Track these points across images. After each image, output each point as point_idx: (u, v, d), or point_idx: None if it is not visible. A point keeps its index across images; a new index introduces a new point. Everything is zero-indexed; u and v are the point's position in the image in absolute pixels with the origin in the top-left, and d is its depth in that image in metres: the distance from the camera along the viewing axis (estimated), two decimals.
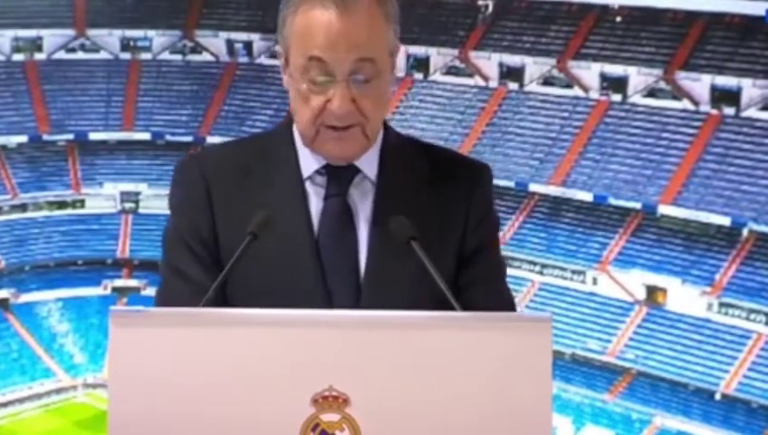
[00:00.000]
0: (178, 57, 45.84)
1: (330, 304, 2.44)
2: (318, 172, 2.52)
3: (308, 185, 2.52)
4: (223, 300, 2.44)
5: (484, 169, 2.66)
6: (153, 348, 2.00)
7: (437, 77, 42.42)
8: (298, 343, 2.00)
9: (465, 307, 2.30)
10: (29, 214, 42.16)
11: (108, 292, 40.75)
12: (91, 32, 45.00)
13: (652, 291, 35.73)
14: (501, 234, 2.78)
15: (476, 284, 2.50)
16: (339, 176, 2.52)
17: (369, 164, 2.53)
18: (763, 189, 35.36)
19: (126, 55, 45.47)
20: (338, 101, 2.38)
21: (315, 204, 2.51)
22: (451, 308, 2.30)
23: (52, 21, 44.45)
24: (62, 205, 42.80)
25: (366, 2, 2.38)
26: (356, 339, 2.00)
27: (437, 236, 2.46)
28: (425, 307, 2.26)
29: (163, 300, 2.52)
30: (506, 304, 2.62)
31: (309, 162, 2.52)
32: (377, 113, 2.45)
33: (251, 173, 2.52)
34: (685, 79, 38.13)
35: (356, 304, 2.46)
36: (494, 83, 41.51)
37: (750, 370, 33.33)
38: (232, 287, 2.45)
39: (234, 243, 2.44)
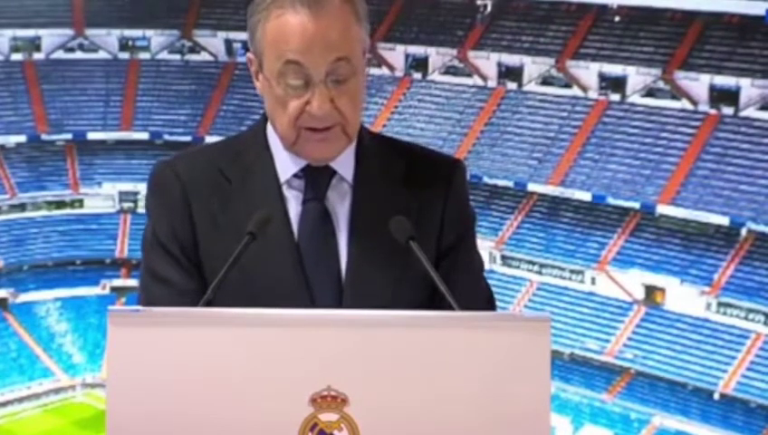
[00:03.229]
0: (177, 57, 45.85)
1: (312, 307, 2.43)
2: (295, 176, 2.52)
3: (285, 189, 2.52)
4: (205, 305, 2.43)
5: (459, 165, 2.66)
6: (152, 348, 2.00)
7: (436, 77, 42.40)
8: (296, 343, 2.00)
9: (445, 303, 2.28)
10: (28, 214, 42.17)
11: (106, 291, 40.76)
12: (90, 31, 45.01)
13: (651, 291, 35.72)
14: (500, 234, 2.78)
15: (455, 279, 2.47)
16: (316, 179, 2.51)
17: (345, 166, 2.53)
18: (762, 189, 35.36)
19: (124, 55, 45.49)
20: (317, 103, 2.39)
21: (294, 208, 2.51)
22: (432, 309, 2.30)
23: (50, 21, 44.45)
24: (60, 205, 42.80)
25: (336, 2, 2.39)
26: (354, 339, 2.00)
27: (417, 235, 2.43)
28: (407, 308, 2.25)
29: (144, 305, 2.50)
30: (485, 297, 2.62)
31: (285, 166, 2.52)
32: (354, 112, 2.45)
33: (227, 178, 2.52)
34: (683, 78, 38.14)
35: (338, 308, 2.44)
36: (492, 83, 41.51)
37: (748, 369, 33.33)
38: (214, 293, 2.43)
39: (213, 248, 2.46)
